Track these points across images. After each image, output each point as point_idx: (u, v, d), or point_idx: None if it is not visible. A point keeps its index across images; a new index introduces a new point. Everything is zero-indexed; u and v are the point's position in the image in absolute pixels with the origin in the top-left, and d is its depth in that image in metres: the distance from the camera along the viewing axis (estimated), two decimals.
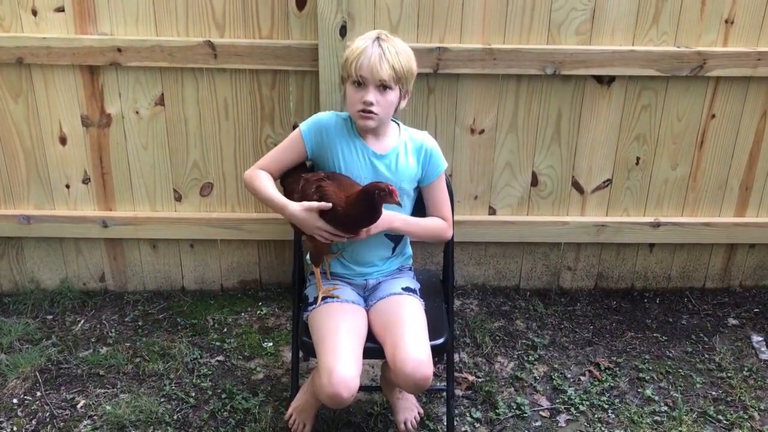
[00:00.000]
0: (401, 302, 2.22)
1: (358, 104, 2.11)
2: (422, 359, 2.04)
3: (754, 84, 2.87)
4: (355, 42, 2.15)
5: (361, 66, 2.09)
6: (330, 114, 2.26)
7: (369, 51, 2.09)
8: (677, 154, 3.00)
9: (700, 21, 2.78)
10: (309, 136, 2.23)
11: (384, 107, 2.13)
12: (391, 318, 2.17)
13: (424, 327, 2.16)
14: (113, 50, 2.73)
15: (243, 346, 2.87)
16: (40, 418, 2.51)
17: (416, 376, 2.02)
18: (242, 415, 2.53)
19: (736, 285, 3.29)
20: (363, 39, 2.14)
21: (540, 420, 2.55)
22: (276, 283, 3.21)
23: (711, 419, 2.56)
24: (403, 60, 2.12)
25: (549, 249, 3.16)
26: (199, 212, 3.03)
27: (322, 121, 2.24)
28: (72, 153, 2.92)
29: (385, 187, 2.00)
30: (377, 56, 2.08)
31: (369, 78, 2.09)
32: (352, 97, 2.13)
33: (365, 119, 2.13)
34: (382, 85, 2.10)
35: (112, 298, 3.15)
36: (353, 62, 2.10)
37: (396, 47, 2.13)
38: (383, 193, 2.01)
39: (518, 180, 3.01)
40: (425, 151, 2.26)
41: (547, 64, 2.78)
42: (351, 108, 2.16)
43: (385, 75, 2.08)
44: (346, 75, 2.15)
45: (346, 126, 2.23)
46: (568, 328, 3.01)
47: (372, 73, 2.08)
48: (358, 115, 2.14)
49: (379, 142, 2.23)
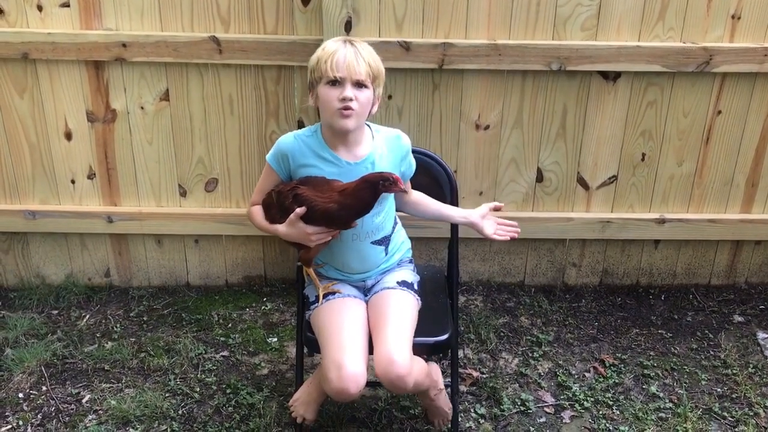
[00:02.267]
0: (392, 297, 2.21)
1: (336, 102, 2.06)
2: (394, 359, 2.01)
3: (761, 80, 2.86)
4: (325, 45, 2.13)
5: (337, 64, 2.06)
6: (288, 137, 2.20)
7: (342, 51, 2.07)
8: (683, 151, 2.99)
9: (706, 16, 2.77)
10: (277, 165, 2.20)
11: (362, 104, 2.09)
12: (379, 313, 2.17)
13: (409, 325, 2.15)
14: (118, 45, 2.73)
15: (247, 342, 2.87)
16: (46, 412, 2.52)
17: (389, 376, 2.01)
18: (247, 410, 2.53)
19: (742, 282, 3.28)
20: (332, 42, 2.12)
21: (544, 416, 2.55)
22: (280, 278, 3.21)
23: (716, 416, 2.56)
24: (375, 59, 2.12)
25: (554, 245, 3.16)
26: (204, 208, 3.04)
27: (282, 147, 2.19)
28: (77, 148, 2.93)
29: (389, 176, 1.99)
30: (352, 54, 2.07)
31: (346, 76, 2.06)
32: (327, 97, 2.08)
33: (345, 117, 2.07)
34: (358, 83, 2.08)
35: (117, 293, 3.16)
36: (327, 61, 2.06)
37: (367, 48, 2.12)
38: (387, 182, 1.99)
39: (523, 176, 3.01)
40: (403, 150, 2.24)
41: (553, 59, 2.77)
42: (327, 109, 2.09)
43: (362, 72, 2.06)
44: (317, 77, 2.10)
45: (310, 143, 2.17)
46: (572, 325, 3.01)
47: (348, 70, 2.05)
48: (337, 113, 2.07)
49: (351, 151, 2.17)
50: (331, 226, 2.10)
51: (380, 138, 2.22)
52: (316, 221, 2.08)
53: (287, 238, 2.15)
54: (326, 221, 2.08)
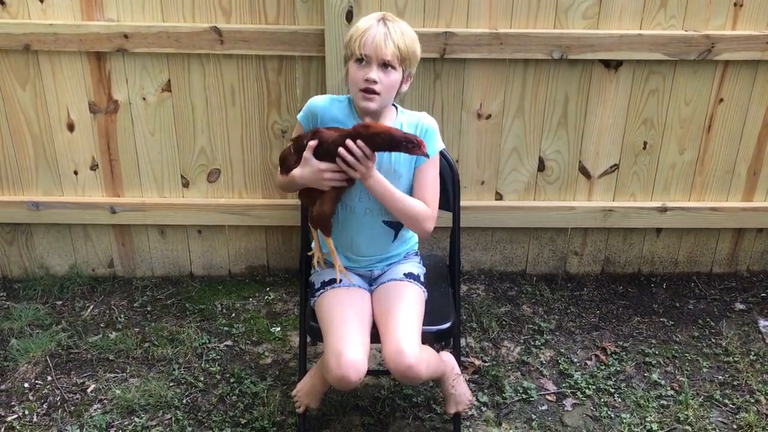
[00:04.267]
0: (399, 289, 2.22)
1: (360, 82, 2.09)
2: (403, 350, 2.02)
3: (763, 67, 2.85)
4: (360, 21, 2.14)
5: (365, 43, 2.07)
6: (325, 97, 2.25)
7: (374, 29, 2.08)
8: (685, 139, 2.99)
9: (708, 4, 2.76)
10: (306, 122, 2.23)
11: (386, 86, 2.10)
12: (387, 305, 2.17)
13: (416, 316, 2.15)
14: (120, 36, 2.73)
15: (251, 331, 2.89)
16: (51, 401, 2.54)
17: (400, 368, 2.02)
18: (251, 399, 2.55)
19: (743, 270, 3.28)
20: (368, 18, 2.13)
21: (546, 404, 2.56)
22: (283, 268, 3.22)
23: (717, 403, 2.57)
24: (408, 40, 2.11)
25: (556, 234, 3.16)
26: (207, 198, 3.05)
27: (315, 105, 2.22)
28: (80, 139, 2.93)
29: (414, 138, 1.98)
30: (382, 35, 2.07)
31: (372, 56, 2.07)
32: (354, 75, 2.11)
33: (367, 100, 2.10)
34: (384, 64, 2.08)
35: (120, 283, 3.17)
36: (357, 39, 2.08)
37: (401, 28, 2.12)
38: (411, 144, 1.98)
39: (525, 165, 3.01)
40: (421, 127, 2.22)
41: (554, 48, 2.77)
42: (353, 87, 2.13)
43: (389, 53, 2.07)
44: (349, 53, 2.13)
45: (343, 108, 2.21)
46: (574, 313, 3.02)
47: (376, 50, 2.06)
48: (360, 95, 2.11)
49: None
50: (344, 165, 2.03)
51: (404, 118, 2.23)
52: (330, 157, 2.05)
53: (302, 180, 2.11)
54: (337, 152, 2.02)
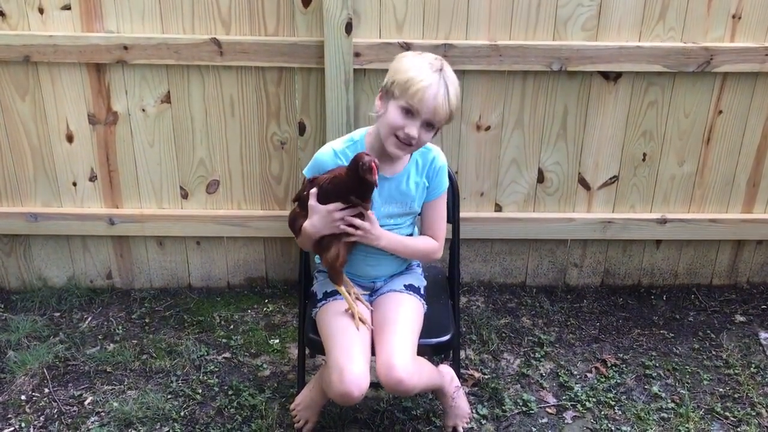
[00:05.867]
0: (397, 301, 2.22)
1: (401, 132, 2.03)
2: (394, 364, 2.01)
3: (762, 79, 2.86)
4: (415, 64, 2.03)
5: (424, 102, 1.99)
6: (327, 152, 2.18)
7: (435, 88, 2.00)
8: (684, 151, 2.99)
9: (707, 16, 2.77)
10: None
11: (421, 143, 2.08)
12: (384, 315, 2.17)
13: (412, 329, 2.14)
14: (119, 48, 2.74)
15: (249, 343, 2.88)
16: (48, 414, 2.53)
17: (390, 381, 2.01)
18: (249, 412, 2.53)
19: (744, 282, 3.28)
20: (426, 68, 2.02)
21: (546, 417, 2.55)
22: (282, 280, 3.21)
23: (718, 416, 2.55)
24: (457, 102, 2.06)
25: (555, 246, 3.16)
26: (206, 209, 3.04)
27: (320, 160, 2.17)
28: (79, 151, 2.93)
29: (368, 161, 1.91)
30: (442, 97, 2.00)
31: (424, 115, 2.02)
32: (394, 121, 2.03)
33: (399, 149, 2.06)
34: (429, 123, 2.05)
35: (119, 295, 3.16)
36: (416, 93, 1.98)
37: (455, 85, 2.05)
38: (364, 166, 1.92)
39: (524, 177, 3.01)
40: (434, 166, 2.21)
41: (553, 60, 2.77)
42: (388, 128, 2.05)
43: (442, 119, 2.04)
44: (397, 94, 2.02)
45: (349, 155, 2.13)
46: (574, 325, 3.01)
47: (432, 113, 2.01)
48: (393, 141, 2.05)
49: (390, 165, 2.17)
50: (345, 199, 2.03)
51: (417, 155, 2.21)
52: (331, 197, 2.04)
53: (314, 228, 2.06)
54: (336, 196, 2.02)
